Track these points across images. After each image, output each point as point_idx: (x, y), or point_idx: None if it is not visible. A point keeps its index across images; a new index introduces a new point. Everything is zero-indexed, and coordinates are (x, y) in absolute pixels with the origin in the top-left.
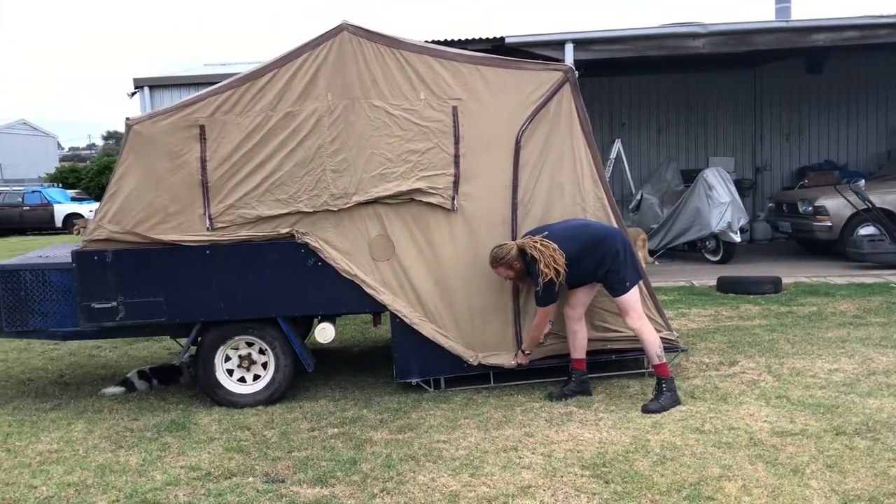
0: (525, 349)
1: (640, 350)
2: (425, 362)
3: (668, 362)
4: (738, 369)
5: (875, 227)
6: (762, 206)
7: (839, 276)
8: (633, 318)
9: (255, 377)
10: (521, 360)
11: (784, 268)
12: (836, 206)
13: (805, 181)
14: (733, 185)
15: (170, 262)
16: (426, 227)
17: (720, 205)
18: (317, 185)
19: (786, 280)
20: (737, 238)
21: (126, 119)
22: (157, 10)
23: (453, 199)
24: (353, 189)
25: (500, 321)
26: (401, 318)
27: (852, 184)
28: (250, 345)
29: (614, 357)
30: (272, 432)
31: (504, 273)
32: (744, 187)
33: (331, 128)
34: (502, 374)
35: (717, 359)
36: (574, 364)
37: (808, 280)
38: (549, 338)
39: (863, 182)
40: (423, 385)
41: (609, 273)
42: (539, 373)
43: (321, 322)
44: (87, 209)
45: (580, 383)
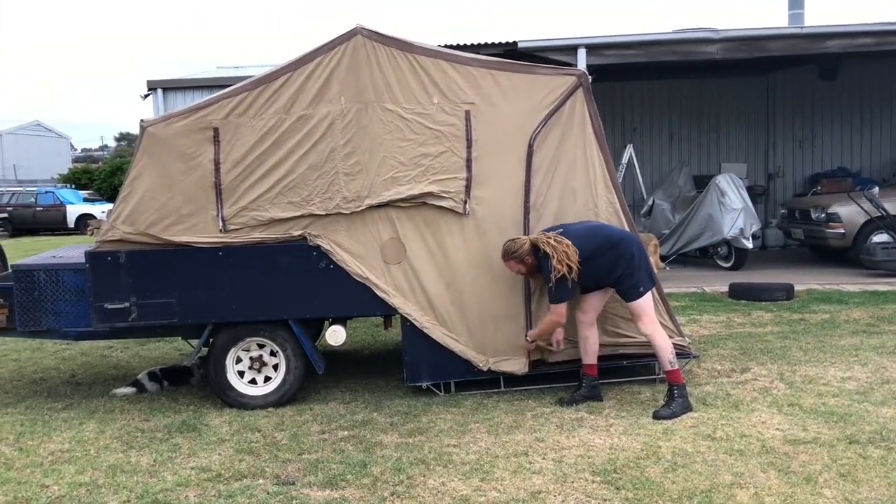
0: (530, 337)
1: (651, 356)
2: (436, 366)
3: (680, 368)
4: (749, 376)
5: (889, 234)
6: (774, 213)
7: (852, 284)
8: (645, 323)
9: (266, 379)
10: (527, 347)
11: (796, 275)
12: (850, 213)
13: (818, 188)
14: (746, 191)
15: (182, 264)
16: (438, 230)
17: (732, 211)
18: (329, 188)
19: (798, 287)
20: (749, 244)
21: (140, 121)
22: (163, 12)
23: (465, 202)
24: (366, 192)
25: (511, 326)
26: (411, 322)
27: (866, 191)
28: (261, 346)
29: (626, 363)
30: (283, 434)
31: (515, 267)
32: (756, 193)
33: (344, 131)
34: (513, 379)
35: (729, 365)
36: (585, 369)
37: (820, 287)
38: (561, 343)
39: (876, 189)
40: (433, 389)
41: (623, 277)
42: (550, 378)
43: (332, 324)
44: (100, 210)
45: (591, 389)
